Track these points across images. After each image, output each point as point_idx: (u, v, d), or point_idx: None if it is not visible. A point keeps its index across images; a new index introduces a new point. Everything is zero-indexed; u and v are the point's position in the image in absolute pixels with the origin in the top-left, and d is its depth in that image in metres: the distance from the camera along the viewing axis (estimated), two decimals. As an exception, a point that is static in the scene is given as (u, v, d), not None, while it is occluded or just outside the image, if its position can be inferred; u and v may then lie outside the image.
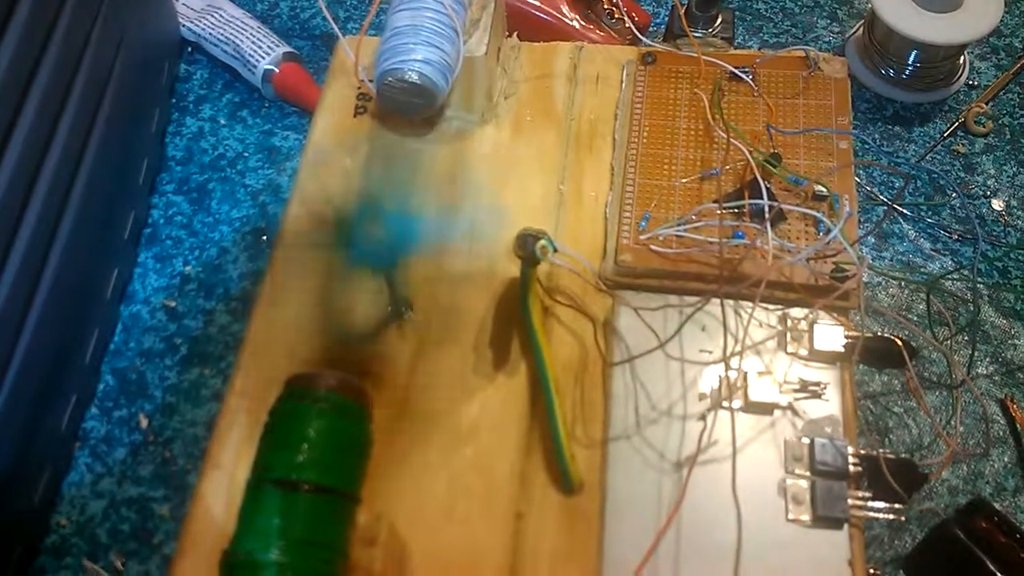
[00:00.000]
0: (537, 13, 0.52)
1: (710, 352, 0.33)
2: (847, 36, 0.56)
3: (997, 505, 0.38)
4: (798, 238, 0.35)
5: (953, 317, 0.44)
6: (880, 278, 0.46)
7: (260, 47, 0.52)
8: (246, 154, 0.51)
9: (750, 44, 0.56)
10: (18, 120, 0.35)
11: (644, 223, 0.35)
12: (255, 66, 0.52)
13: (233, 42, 0.53)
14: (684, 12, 0.44)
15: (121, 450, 0.42)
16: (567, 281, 0.35)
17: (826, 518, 0.29)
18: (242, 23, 0.54)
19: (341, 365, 0.33)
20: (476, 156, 0.39)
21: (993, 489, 0.40)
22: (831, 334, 0.32)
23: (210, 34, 0.54)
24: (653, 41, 0.42)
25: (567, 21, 0.52)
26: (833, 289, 0.32)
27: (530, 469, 0.31)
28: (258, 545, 0.25)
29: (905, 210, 0.48)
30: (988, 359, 0.43)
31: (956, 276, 0.46)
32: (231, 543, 0.26)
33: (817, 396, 0.32)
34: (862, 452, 0.30)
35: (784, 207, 0.35)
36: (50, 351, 0.38)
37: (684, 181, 0.37)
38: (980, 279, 0.46)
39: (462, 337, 0.34)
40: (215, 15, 0.54)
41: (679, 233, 0.35)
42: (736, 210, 0.35)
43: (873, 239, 0.47)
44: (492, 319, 0.34)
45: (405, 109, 0.36)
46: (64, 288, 0.38)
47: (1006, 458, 0.40)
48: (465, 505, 0.30)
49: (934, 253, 0.47)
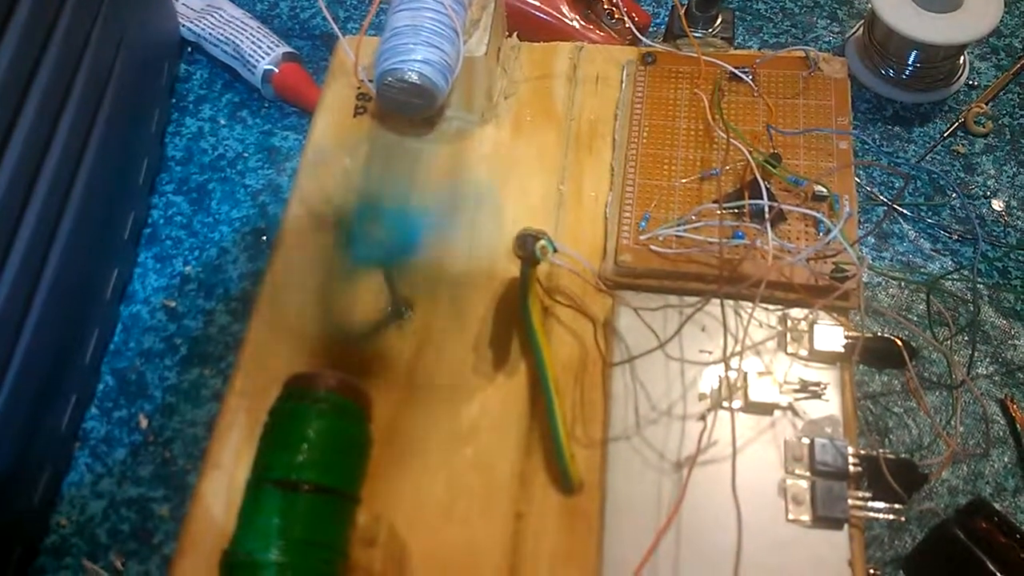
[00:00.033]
0: (537, 13, 0.52)
1: (710, 352, 0.33)
2: (847, 36, 0.56)
3: (997, 505, 0.38)
4: (798, 238, 0.35)
5: (953, 317, 0.44)
6: (880, 278, 0.46)
7: (260, 47, 0.52)
8: (246, 154, 0.51)
9: (750, 44, 0.56)
10: (18, 120, 0.35)
11: (644, 223, 0.35)
12: (255, 66, 0.52)
13: (233, 42, 0.53)
14: (684, 12, 0.44)
15: (121, 450, 0.42)
16: (567, 281, 0.35)
17: (826, 518, 0.29)
18: (242, 23, 0.54)
19: (341, 365, 0.33)
20: (476, 156, 0.39)
21: (993, 489, 0.40)
22: (831, 334, 0.32)
23: (210, 34, 0.54)
24: (653, 41, 0.42)
25: (567, 21, 0.52)
26: (833, 289, 0.32)
27: (530, 469, 0.31)
28: (258, 545, 0.25)
29: (905, 210, 0.48)
30: (988, 359, 0.43)
31: (956, 276, 0.46)
32: (231, 543, 0.26)
33: (817, 396, 0.32)
34: (862, 452, 0.30)
35: (784, 207, 0.35)
36: (50, 351, 0.38)
37: (684, 181, 0.37)
38: (980, 279, 0.46)
39: (462, 337, 0.34)
40: (215, 15, 0.54)
41: (679, 233, 0.35)
42: (736, 210, 0.35)
43: (873, 239, 0.47)
44: (492, 319, 0.34)
45: (405, 109, 0.36)
46: (64, 288, 0.38)
47: (1006, 458, 0.40)
48: (465, 505, 0.30)
49: (934, 253, 0.47)
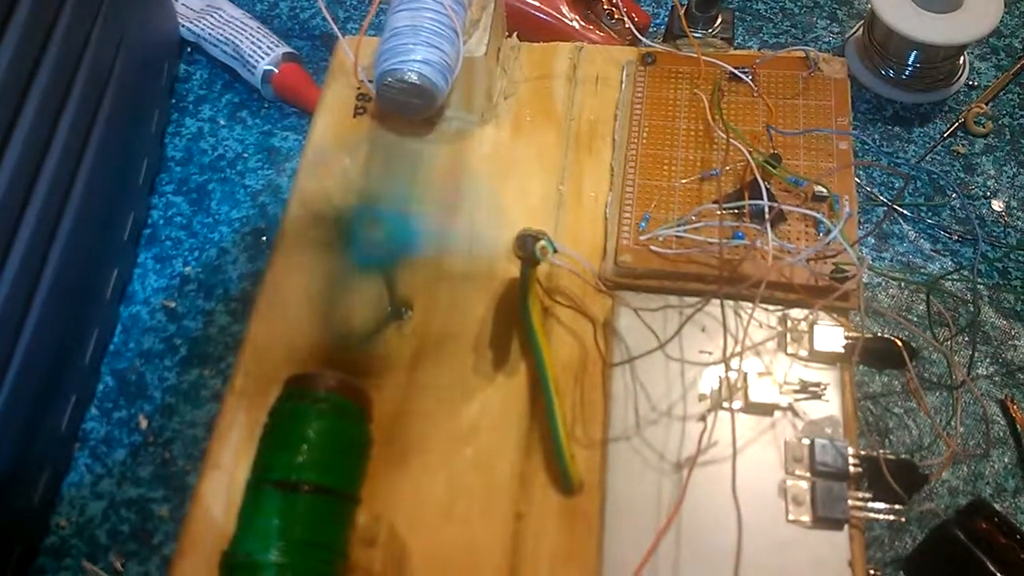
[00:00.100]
0: (537, 13, 0.52)
1: (710, 353, 0.33)
2: (847, 36, 0.56)
3: (997, 506, 0.38)
4: (798, 239, 0.35)
5: (953, 318, 0.44)
6: (880, 279, 0.46)
7: (260, 47, 0.52)
8: (246, 155, 0.51)
9: (750, 44, 0.56)
10: (18, 120, 0.35)
11: (644, 224, 0.35)
12: (255, 66, 0.52)
13: (232, 42, 0.53)
14: (684, 12, 0.44)
15: (121, 451, 0.42)
16: (567, 282, 0.35)
17: (826, 519, 0.29)
18: (241, 23, 0.54)
19: (341, 365, 0.33)
20: (476, 156, 0.39)
21: (993, 490, 0.40)
22: (831, 335, 0.32)
23: (209, 34, 0.54)
24: (653, 41, 0.42)
25: (567, 21, 0.52)
26: (833, 290, 0.32)
27: (530, 469, 0.31)
28: (258, 546, 0.25)
29: (905, 211, 0.48)
30: (988, 360, 0.43)
31: (956, 277, 0.46)
32: (230, 544, 0.26)
33: (817, 397, 0.32)
34: (862, 453, 0.30)
35: (784, 208, 0.35)
36: (50, 351, 0.38)
37: (684, 182, 0.37)
38: (980, 280, 0.46)
39: (462, 337, 0.34)
40: (214, 15, 0.54)
41: (679, 234, 0.35)
42: (736, 211, 0.35)
43: (873, 240, 0.47)
44: (492, 319, 0.34)
45: (405, 109, 0.36)
46: (64, 288, 0.38)
47: (1006, 459, 0.40)
48: (465, 505, 0.30)
49: (934, 254, 0.47)
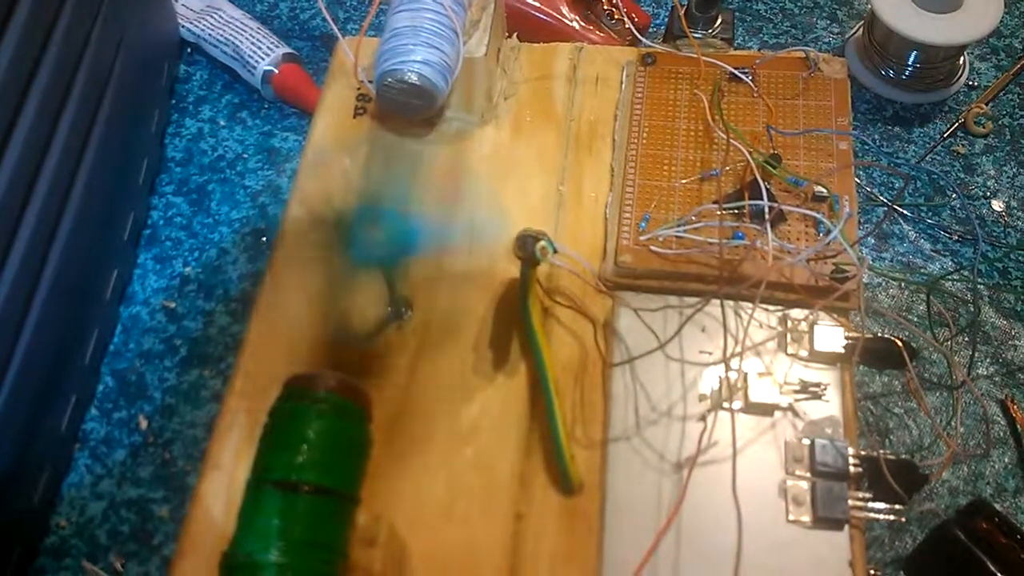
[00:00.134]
0: (537, 14, 0.52)
1: (710, 353, 0.33)
2: (847, 37, 0.56)
3: (998, 506, 0.38)
4: (798, 239, 0.35)
5: (953, 318, 0.44)
6: (880, 279, 0.46)
7: (260, 48, 0.52)
8: (246, 155, 0.51)
9: (750, 45, 0.56)
10: (18, 120, 0.35)
11: (644, 224, 0.35)
12: (255, 67, 0.52)
13: (232, 43, 0.53)
14: (684, 13, 0.44)
15: (121, 451, 0.42)
16: (567, 282, 0.35)
17: (826, 519, 0.29)
18: (241, 24, 0.54)
19: (341, 366, 0.33)
20: (476, 157, 0.39)
21: (994, 490, 0.40)
22: (831, 335, 0.32)
23: (209, 35, 0.54)
24: (653, 42, 0.42)
25: (567, 22, 0.52)
26: (833, 290, 0.32)
27: (530, 470, 0.31)
28: (258, 546, 0.25)
29: (905, 211, 0.48)
30: (988, 360, 0.43)
31: (956, 277, 0.46)
32: (230, 544, 0.26)
33: (817, 397, 0.32)
34: (862, 453, 0.30)
35: (784, 208, 0.35)
36: (50, 351, 0.38)
37: (684, 182, 0.37)
38: (980, 280, 0.46)
39: (462, 337, 0.34)
40: (214, 16, 0.54)
41: (679, 234, 0.35)
42: (736, 211, 0.35)
43: (873, 240, 0.47)
44: (492, 320, 0.34)
45: (405, 110, 0.36)
46: (64, 288, 0.38)
47: (1007, 459, 0.40)
48: (465, 506, 0.30)
49: (934, 254, 0.47)
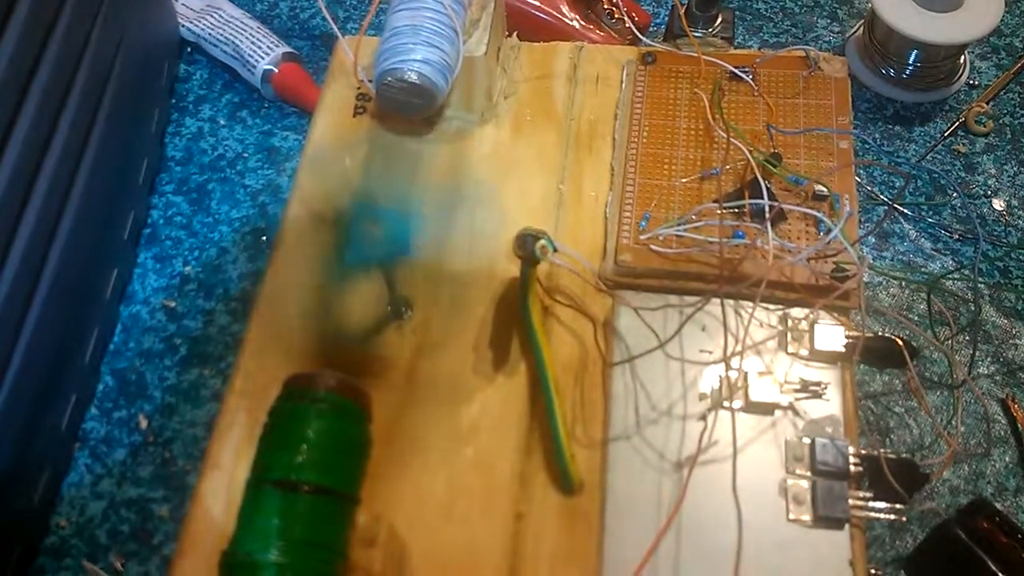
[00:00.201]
0: (537, 13, 0.52)
1: (710, 352, 0.33)
2: (847, 36, 0.56)
3: (998, 505, 0.38)
4: (798, 238, 0.35)
5: (954, 317, 0.44)
6: (881, 278, 0.46)
7: (259, 47, 0.52)
8: (246, 154, 0.51)
9: (750, 44, 0.56)
10: (18, 119, 0.35)
11: (644, 223, 0.35)
12: (254, 66, 0.52)
13: (232, 42, 0.53)
14: (684, 12, 0.44)
15: (121, 451, 0.42)
16: (567, 281, 0.35)
17: (827, 518, 0.29)
18: (241, 23, 0.54)
19: (341, 365, 0.32)
20: (476, 156, 0.39)
21: (994, 489, 0.40)
22: (832, 334, 0.32)
23: (209, 34, 0.54)
24: (653, 41, 0.42)
25: (567, 21, 0.52)
26: (834, 289, 0.32)
27: (530, 469, 0.31)
28: (257, 546, 0.25)
29: (906, 210, 0.48)
30: (989, 359, 0.43)
31: (957, 276, 0.46)
32: (230, 544, 0.26)
33: (818, 396, 0.32)
34: (863, 452, 0.30)
35: (784, 207, 0.35)
36: (50, 351, 0.38)
37: (684, 181, 0.37)
38: (981, 279, 0.46)
39: (462, 337, 0.34)
40: (214, 15, 0.54)
41: (679, 233, 0.35)
42: (736, 210, 0.35)
43: (874, 239, 0.47)
44: (492, 319, 0.34)
45: (404, 109, 0.36)
46: (64, 288, 0.38)
47: (1007, 458, 0.40)
48: (465, 505, 0.30)
49: (935, 253, 0.47)
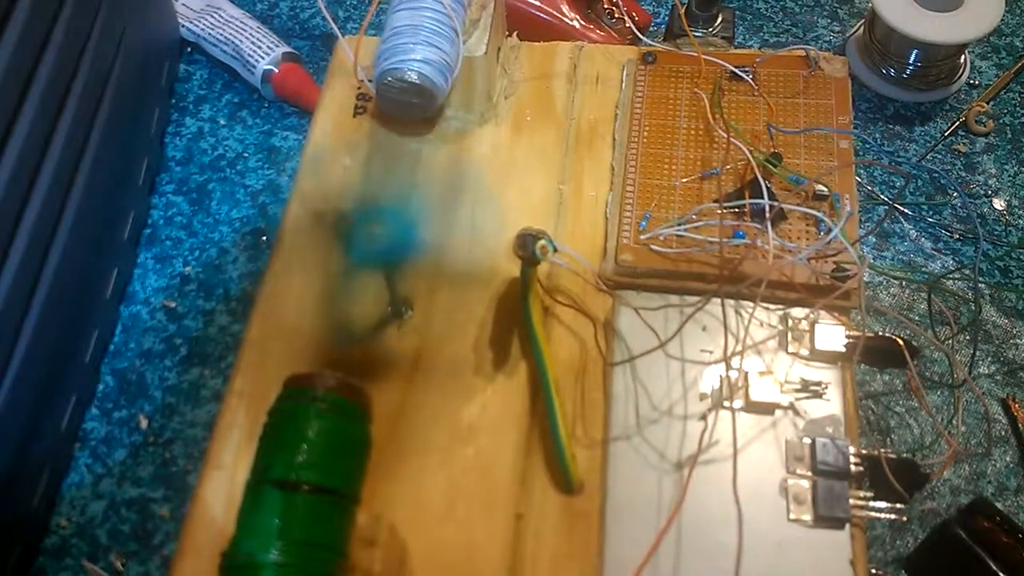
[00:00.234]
0: (537, 13, 0.52)
1: (711, 352, 0.33)
2: (847, 35, 0.56)
3: (999, 505, 0.38)
4: (799, 238, 0.35)
5: (955, 316, 0.44)
6: (881, 277, 0.46)
7: (260, 47, 0.52)
8: (246, 154, 0.51)
9: (750, 43, 0.56)
10: (17, 120, 0.35)
11: (644, 223, 0.35)
12: (254, 66, 0.52)
13: (232, 42, 0.53)
14: (684, 11, 0.44)
15: (121, 451, 0.42)
16: (567, 281, 0.35)
17: (828, 518, 0.29)
18: (241, 23, 0.54)
19: (341, 365, 0.33)
20: (476, 156, 0.39)
21: (995, 489, 0.40)
22: (832, 334, 0.32)
23: (209, 34, 0.54)
24: (653, 41, 0.42)
25: (567, 21, 0.52)
26: (834, 289, 0.32)
27: (530, 469, 0.31)
28: (257, 546, 0.25)
29: (906, 209, 0.48)
30: (990, 359, 0.43)
31: (957, 275, 0.46)
32: (230, 544, 0.26)
33: (818, 396, 0.32)
34: (863, 452, 0.30)
35: (785, 207, 0.35)
36: (50, 351, 0.38)
37: (684, 181, 0.37)
38: (981, 278, 0.46)
39: (462, 337, 0.34)
40: (214, 15, 0.54)
41: (679, 233, 0.35)
42: (737, 210, 0.35)
43: (874, 238, 0.47)
44: (492, 319, 0.34)
45: (404, 109, 0.36)
46: (64, 288, 0.38)
47: (1008, 458, 0.40)
48: (465, 506, 0.30)
49: (935, 252, 0.47)
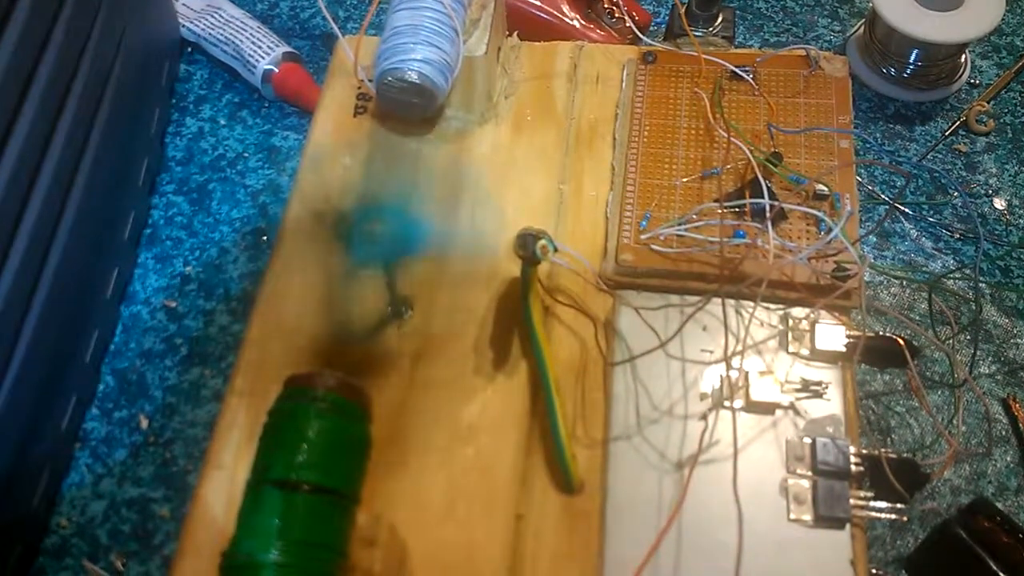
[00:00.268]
0: (537, 13, 0.52)
1: (711, 352, 0.33)
2: (848, 35, 0.56)
3: (1000, 505, 0.38)
4: (799, 237, 0.34)
5: (955, 316, 0.44)
6: (882, 277, 0.46)
7: (260, 47, 0.52)
8: (246, 154, 0.51)
9: (751, 43, 0.56)
10: (17, 120, 0.35)
11: (645, 223, 0.35)
12: (255, 66, 0.52)
13: (233, 42, 0.53)
14: (684, 11, 0.44)
15: (121, 451, 0.42)
16: (568, 281, 0.35)
17: (828, 518, 0.29)
18: (242, 23, 0.54)
19: (341, 365, 0.33)
20: (476, 156, 0.38)
21: (996, 489, 0.40)
22: (833, 333, 0.32)
23: (210, 34, 0.54)
24: (653, 40, 0.42)
25: (567, 20, 0.52)
26: (834, 288, 0.32)
27: (530, 469, 0.31)
28: (257, 546, 0.25)
29: (907, 209, 0.48)
30: (990, 358, 0.43)
31: (958, 275, 0.46)
32: (230, 544, 0.26)
33: (819, 396, 0.32)
34: (864, 452, 0.30)
35: (785, 206, 0.35)
36: (50, 351, 0.38)
37: (685, 180, 0.37)
38: (982, 278, 0.46)
39: (462, 337, 0.34)
40: (215, 15, 0.54)
41: (680, 232, 0.35)
42: (737, 209, 0.35)
43: (874, 238, 0.47)
44: (492, 319, 0.34)
45: (405, 109, 0.36)
46: (64, 288, 0.38)
47: (1008, 457, 0.40)
48: (465, 506, 0.30)
49: (936, 252, 0.47)
